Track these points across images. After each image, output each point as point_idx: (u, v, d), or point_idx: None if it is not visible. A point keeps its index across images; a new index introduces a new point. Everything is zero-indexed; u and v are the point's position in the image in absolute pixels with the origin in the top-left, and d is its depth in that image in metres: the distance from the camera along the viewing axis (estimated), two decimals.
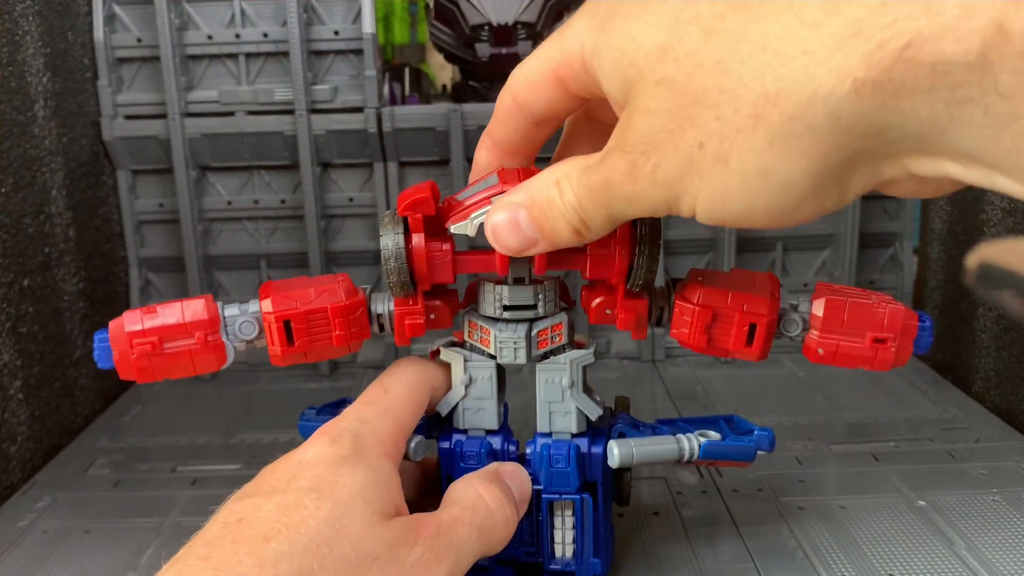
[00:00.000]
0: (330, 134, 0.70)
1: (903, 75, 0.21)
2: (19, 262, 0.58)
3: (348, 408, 0.36)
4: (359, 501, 0.31)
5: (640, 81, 0.27)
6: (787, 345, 0.38)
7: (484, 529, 0.35)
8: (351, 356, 0.75)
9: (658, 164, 0.27)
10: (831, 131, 0.23)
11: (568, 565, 0.40)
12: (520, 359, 0.38)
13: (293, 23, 0.68)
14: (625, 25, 0.27)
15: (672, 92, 0.26)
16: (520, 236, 0.32)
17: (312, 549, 0.29)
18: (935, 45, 0.20)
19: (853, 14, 0.21)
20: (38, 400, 0.59)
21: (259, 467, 0.34)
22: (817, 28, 0.22)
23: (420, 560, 0.32)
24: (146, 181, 0.74)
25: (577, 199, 0.30)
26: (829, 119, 0.23)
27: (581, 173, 0.30)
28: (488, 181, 0.35)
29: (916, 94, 0.21)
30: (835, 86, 0.22)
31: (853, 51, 0.21)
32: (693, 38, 0.25)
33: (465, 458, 0.39)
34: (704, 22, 0.25)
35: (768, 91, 0.23)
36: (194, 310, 0.37)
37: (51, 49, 0.64)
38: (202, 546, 0.30)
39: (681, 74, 0.25)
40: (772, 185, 0.25)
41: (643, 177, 0.27)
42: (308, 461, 0.33)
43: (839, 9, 0.22)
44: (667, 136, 0.26)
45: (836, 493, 0.51)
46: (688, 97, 0.25)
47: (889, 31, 0.21)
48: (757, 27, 0.24)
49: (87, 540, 0.49)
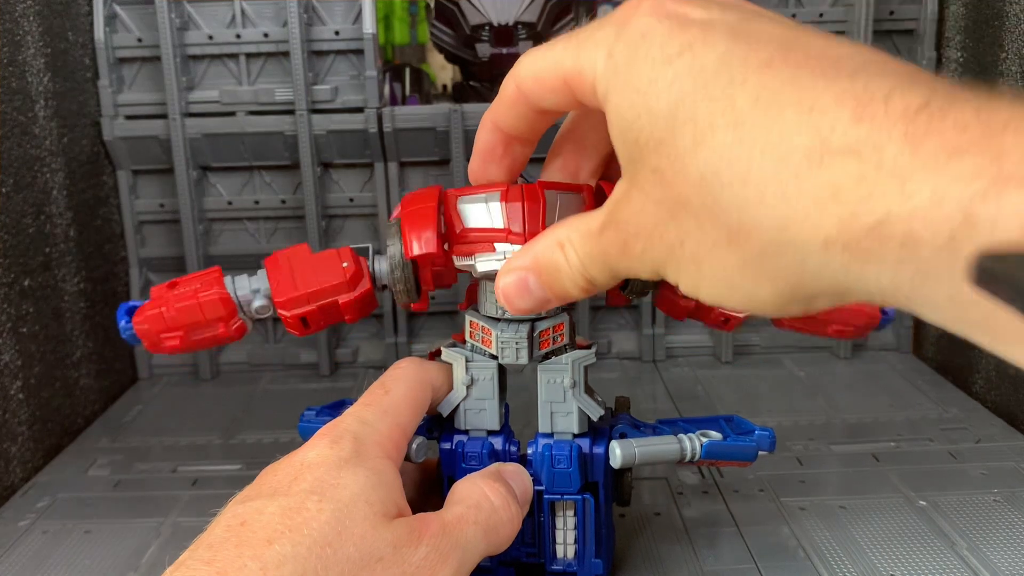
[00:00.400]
0: (331, 134, 0.70)
1: (873, 245, 0.21)
2: (19, 262, 0.58)
3: (349, 409, 0.36)
4: (361, 503, 0.31)
5: (640, 160, 0.27)
6: (787, 345, 0.39)
7: (489, 528, 0.35)
8: (351, 356, 0.75)
9: (645, 249, 0.28)
10: (798, 272, 0.24)
11: (570, 566, 0.40)
12: (522, 359, 0.38)
13: (294, 23, 0.68)
14: (635, 96, 0.27)
15: (662, 185, 0.27)
16: (531, 297, 0.33)
17: (315, 551, 0.29)
18: (906, 224, 0.20)
19: (833, 177, 0.22)
20: (38, 400, 0.59)
21: (259, 467, 0.34)
22: (799, 179, 0.22)
23: (425, 559, 0.32)
24: (146, 181, 0.73)
25: (581, 263, 0.31)
26: (798, 265, 0.24)
27: (583, 240, 0.31)
28: (491, 201, 0.36)
29: (883, 263, 0.21)
30: (807, 239, 0.23)
31: (829, 214, 0.22)
32: (684, 142, 0.25)
33: (466, 459, 0.39)
34: (697, 128, 0.25)
35: (744, 224, 0.24)
36: (212, 305, 0.38)
37: (52, 49, 0.64)
38: (205, 549, 0.30)
39: (670, 172, 0.26)
40: (739, 295, 0.27)
41: (633, 256, 0.29)
42: (309, 463, 0.33)
43: (822, 164, 0.22)
44: (654, 224, 0.28)
45: (837, 493, 0.51)
46: (674, 197, 0.26)
47: (864, 205, 0.21)
48: (743, 153, 0.24)
49: (87, 540, 0.49)
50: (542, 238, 0.33)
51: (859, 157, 0.21)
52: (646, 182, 0.27)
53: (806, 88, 0.23)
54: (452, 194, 0.37)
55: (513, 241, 0.35)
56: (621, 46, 0.28)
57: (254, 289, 0.38)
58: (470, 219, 0.36)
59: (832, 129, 0.22)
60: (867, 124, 0.21)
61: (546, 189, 0.36)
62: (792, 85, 0.23)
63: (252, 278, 0.38)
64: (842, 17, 0.71)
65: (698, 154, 0.25)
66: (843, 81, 0.23)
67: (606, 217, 0.30)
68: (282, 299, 0.37)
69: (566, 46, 0.31)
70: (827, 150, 0.22)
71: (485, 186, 0.36)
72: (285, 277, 0.37)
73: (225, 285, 0.38)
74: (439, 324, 0.75)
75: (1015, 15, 0.61)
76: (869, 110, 0.21)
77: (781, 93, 0.23)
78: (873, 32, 0.69)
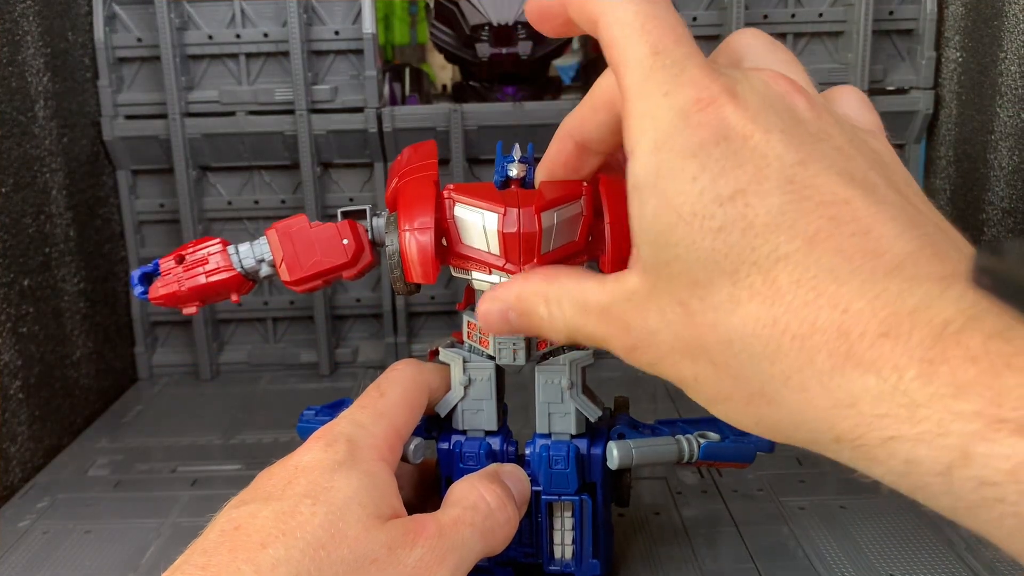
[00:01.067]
0: (330, 134, 0.70)
1: (880, 456, 0.23)
2: (19, 262, 0.58)
3: (344, 412, 0.36)
4: (354, 505, 0.32)
5: (668, 283, 0.26)
6: None
7: (486, 530, 0.35)
8: (351, 356, 0.75)
9: (654, 364, 0.28)
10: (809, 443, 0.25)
11: (567, 566, 0.40)
12: (519, 360, 0.38)
13: (293, 23, 0.68)
14: (675, 219, 0.25)
15: (686, 324, 0.26)
16: (509, 328, 0.33)
17: (309, 553, 0.30)
18: (912, 446, 0.22)
19: (853, 389, 0.23)
20: (38, 400, 0.59)
21: (259, 467, 0.34)
22: (821, 377, 0.23)
23: (421, 561, 0.32)
24: (146, 181, 0.74)
25: (568, 329, 0.30)
26: (809, 439, 0.25)
27: (576, 312, 0.30)
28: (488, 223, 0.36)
29: (888, 469, 0.23)
30: (824, 431, 0.24)
31: (844, 417, 0.23)
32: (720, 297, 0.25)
33: (464, 459, 0.39)
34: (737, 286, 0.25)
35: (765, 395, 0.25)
36: (223, 284, 0.40)
37: (51, 49, 0.64)
38: (200, 554, 0.30)
39: (699, 318, 0.26)
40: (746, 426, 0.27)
41: (640, 362, 0.29)
42: (303, 467, 0.33)
43: (844, 373, 0.23)
44: (668, 351, 0.27)
45: (836, 493, 0.51)
46: (697, 340, 0.26)
47: (879, 422, 0.22)
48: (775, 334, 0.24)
49: (87, 541, 0.49)
50: (531, 280, 0.31)
51: (878, 376, 0.22)
52: (669, 310, 0.26)
53: (843, 282, 0.23)
54: (450, 192, 0.37)
55: (508, 272, 0.36)
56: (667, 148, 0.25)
57: (258, 259, 0.40)
58: (466, 236, 0.37)
59: (861, 337, 0.23)
60: (891, 342, 0.22)
61: (543, 210, 0.35)
62: (829, 277, 0.23)
63: (255, 246, 0.40)
64: (841, 17, 0.71)
65: (732, 317, 0.25)
66: (879, 283, 0.23)
67: (611, 306, 0.28)
68: (291, 279, 0.39)
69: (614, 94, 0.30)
70: (851, 360, 0.23)
71: (484, 196, 0.36)
72: (289, 255, 0.39)
73: (231, 259, 0.40)
74: (439, 324, 0.75)
75: (1015, 15, 0.61)
76: (895, 325, 0.22)
77: (820, 283, 0.23)
78: (873, 32, 0.69)
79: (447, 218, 0.37)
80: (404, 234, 0.36)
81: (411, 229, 0.36)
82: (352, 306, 0.75)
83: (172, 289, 0.39)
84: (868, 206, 0.24)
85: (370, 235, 0.39)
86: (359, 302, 0.75)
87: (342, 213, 0.39)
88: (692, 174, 0.25)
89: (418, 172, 0.38)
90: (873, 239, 0.24)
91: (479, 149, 0.71)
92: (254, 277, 0.40)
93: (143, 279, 0.40)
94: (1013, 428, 0.20)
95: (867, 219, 0.24)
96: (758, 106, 0.25)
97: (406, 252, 0.36)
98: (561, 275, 0.31)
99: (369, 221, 0.39)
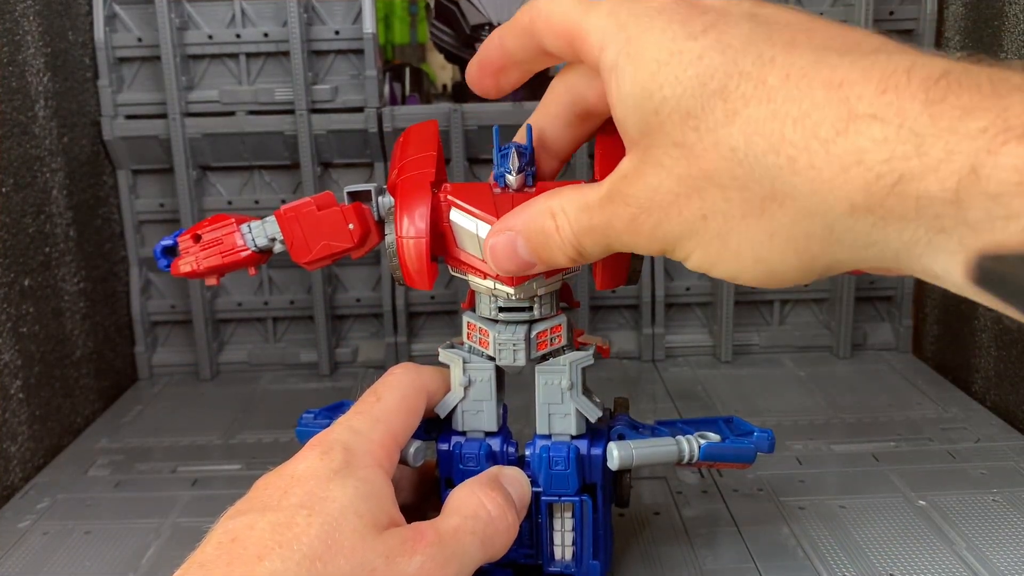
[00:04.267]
0: (331, 134, 0.70)
1: (893, 205, 0.23)
2: (19, 262, 0.58)
3: (340, 418, 0.36)
4: (350, 515, 0.31)
5: (659, 133, 0.27)
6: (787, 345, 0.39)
7: (486, 538, 0.35)
8: (351, 356, 0.75)
9: (659, 223, 0.28)
10: (824, 239, 0.25)
11: (567, 567, 0.40)
12: (519, 361, 0.38)
13: (293, 23, 0.68)
14: (654, 66, 0.27)
15: (687, 159, 0.27)
16: (517, 260, 0.33)
17: (305, 565, 0.29)
18: (920, 182, 0.22)
19: (858, 142, 0.23)
20: (38, 400, 0.59)
21: (259, 467, 0.34)
22: (827, 146, 0.24)
23: (421, 569, 0.31)
24: (146, 181, 0.74)
25: (574, 234, 0.31)
26: (824, 230, 0.25)
27: (579, 212, 0.31)
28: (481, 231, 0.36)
29: (902, 221, 0.23)
30: (835, 204, 0.24)
31: (854, 178, 0.23)
32: (716, 115, 0.26)
33: (464, 460, 0.39)
34: (729, 100, 0.26)
35: (776, 192, 0.25)
36: (240, 262, 0.41)
37: (51, 49, 0.64)
38: (197, 568, 0.29)
39: (699, 146, 0.27)
40: (762, 270, 0.28)
41: (643, 232, 0.29)
42: (299, 476, 0.33)
43: (847, 131, 0.23)
44: (672, 199, 0.28)
45: (836, 493, 0.51)
46: (701, 170, 0.27)
47: (886, 166, 0.23)
48: (776, 126, 0.25)
49: (88, 541, 0.49)
50: (535, 203, 0.33)
51: (882, 122, 0.23)
52: (666, 156, 0.27)
53: (834, 66, 0.24)
54: (447, 195, 0.37)
55: (502, 281, 0.37)
56: (634, 18, 0.28)
57: (270, 237, 0.41)
58: (461, 241, 0.37)
59: (859, 99, 0.23)
60: (891, 93, 0.23)
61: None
62: (819, 63, 0.25)
63: (266, 225, 0.41)
64: (842, 17, 0.70)
65: (731, 126, 0.26)
66: (867, 58, 0.24)
67: (610, 190, 0.30)
68: (302, 261, 0.40)
69: (579, 2, 0.31)
70: (853, 118, 0.23)
71: (479, 203, 0.36)
72: (299, 239, 0.40)
73: (245, 239, 0.41)
74: (439, 324, 0.75)
75: (1015, 15, 0.61)
76: (893, 80, 0.23)
77: (809, 70, 0.25)
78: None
79: (444, 220, 0.37)
80: (402, 241, 0.36)
81: (406, 238, 0.37)
82: (352, 306, 0.75)
83: (191, 267, 0.42)
84: (830, 24, 0.27)
85: (376, 216, 0.40)
86: (359, 302, 0.75)
87: (349, 195, 0.40)
88: (661, 26, 0.27)
89: (415, 168, 0.38)
90: (848, 38, 0.26)
91: (479, 149, 0.71)
92: (268, 252, 0.42)
93: (165, 252, 0.42)
94: (1020, 134, 0.20)
95: (835, 28, 0.27)
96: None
97: (404, 261, 0.37)
98: (564, 189, 0.32)
99: (375, 201, 0.40)
